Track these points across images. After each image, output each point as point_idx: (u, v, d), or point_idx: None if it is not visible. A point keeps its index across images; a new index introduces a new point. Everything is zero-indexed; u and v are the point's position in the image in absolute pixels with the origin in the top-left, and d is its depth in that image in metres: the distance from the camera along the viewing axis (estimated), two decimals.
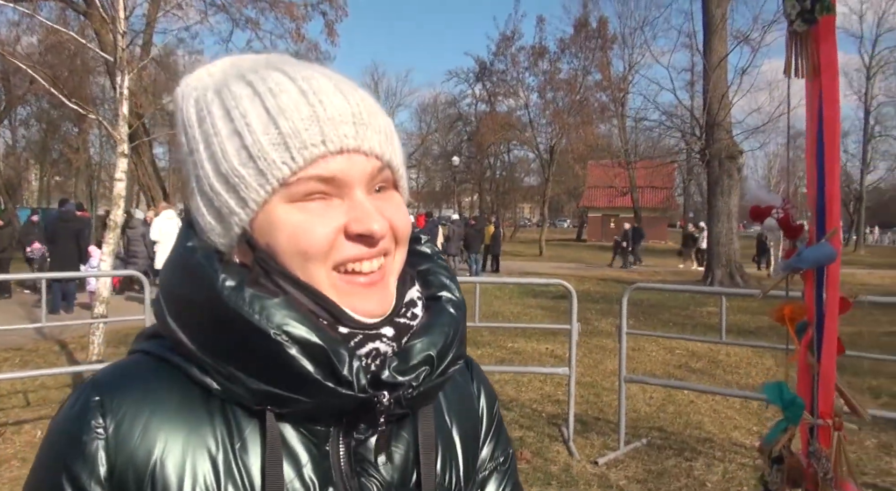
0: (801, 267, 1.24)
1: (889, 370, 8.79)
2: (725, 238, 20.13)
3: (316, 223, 0.76)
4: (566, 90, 44.24)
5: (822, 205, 1.25)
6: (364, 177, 0.78)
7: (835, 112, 1.24)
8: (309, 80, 0.78)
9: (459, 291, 0.90)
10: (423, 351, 0.80)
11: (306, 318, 0.75)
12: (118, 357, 3.69)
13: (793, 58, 1.28)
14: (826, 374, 1.24)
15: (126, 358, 0.86)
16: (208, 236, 0.81)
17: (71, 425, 0.77)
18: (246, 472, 0.76)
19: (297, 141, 0.75)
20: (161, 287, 0.83)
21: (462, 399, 0.98)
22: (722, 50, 20.97)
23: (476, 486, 0.97)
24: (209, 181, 0.78)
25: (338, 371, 0.74)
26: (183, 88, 0.86)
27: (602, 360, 9.38)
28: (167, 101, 23.23)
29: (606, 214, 56.27)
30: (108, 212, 15.83)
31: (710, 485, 5.08)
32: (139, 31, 16.86)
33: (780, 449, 1.31)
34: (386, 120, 0.83)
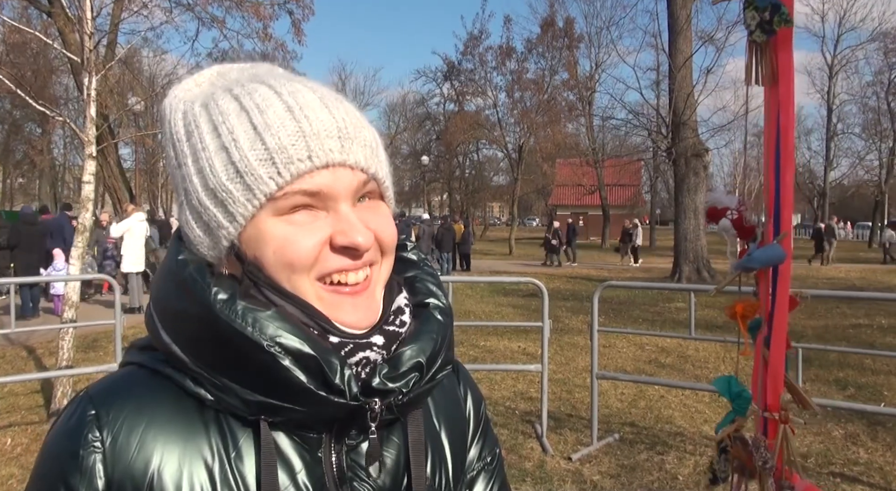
0: (753, 266, 1.31)
1: (855, 362, 9.01)
2: (692, 234, 20.39)
3: (301, 236, 0.78)
4: (534, 89, 44.43)
5: (777, 207, 1.32)
6: (349, 190, 0.80)
7: (790, 119, 1.30)
8: (294, 94, 0.80)
9: (446, 297, 0.92)
10: (412, 358, 0.81)
11: (298, 329, 0.76)
12: (88, 363, 3.70)
13: (752, 66, 1.35)
14: (775, 368, 1.31)
15: (119, 370, 0.87)
16: (198, 248, 0.83)
17: (67, 440, 0.78)
18: (242, 480, 0.78)
19: (284, 156, 0.76)
20: (153, 300, 0.85)
21: (449, 402, 1.00)
22: (687, 50, 21.24)
23: (465, 486, 0.99)
24: (198, 196, 0.80)
25: (330, 380, 0.76)
26: (171, 100, 0.87)
27: (573, 357, 9.48)
28: (133, 101, 22.98)
29: (575, 212, 56.57)
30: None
31: (682, 478, 5.19)
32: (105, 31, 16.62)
33: (724, 438, 1.38)
34: (371, 132, 0.84)
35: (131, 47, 11.29)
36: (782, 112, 1.32)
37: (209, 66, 0.93)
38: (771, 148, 1.36)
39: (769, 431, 1.34)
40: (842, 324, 12.38)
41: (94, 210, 7.19)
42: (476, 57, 47.41)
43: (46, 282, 13.07)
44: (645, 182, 54.60)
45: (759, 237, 1.37)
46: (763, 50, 1.34)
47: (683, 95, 20.92)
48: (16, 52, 22.77)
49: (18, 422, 6.54)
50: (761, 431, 1.34)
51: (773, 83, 1.34)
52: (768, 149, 1.37)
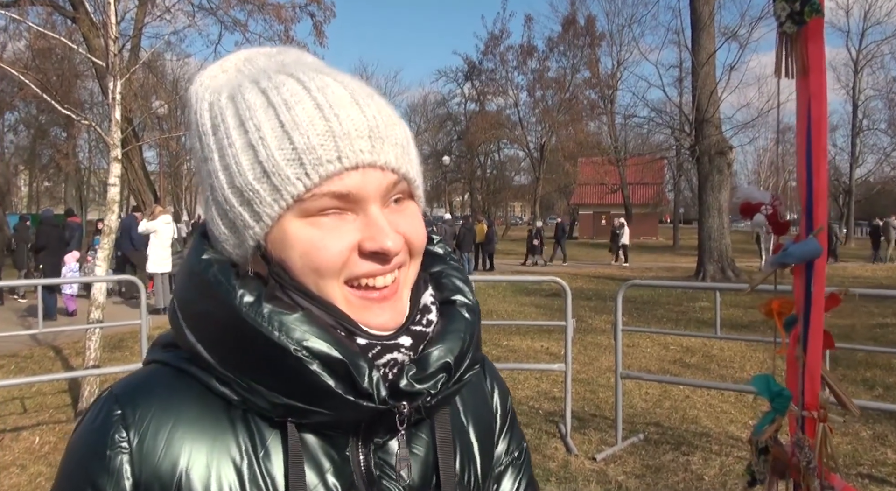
0: (788, 262, 1.28)
1: (882, 362, 8.87)
2: (717, 233, 20.21)
3: (329, 240, 0.75)
4: (555, 88, 44.42)
5: (810, 202, 1.29)
6: (379, 191, 0.77)
7: (822, 111, 1.28)
8: (324, 90, 0.77)
9: (473, 294, 0.90)
10: (440, 358, 0.79)
11: (325, 332, 0.75)
12: (114, 362, 3.72)
13: (783, 58, 1.32)
14: (812, 366, 1.28)
15: (143, 368, 0.86)
16: (223, 246, 0.81)
17: (94, 440, 0.77)
18: (271, 480, 0.77)
19: (312, 157, 0.74)
20: (177, 299, 0.83)
21: (477, 397, 0.98)
22: (710, 46, 21.06)
23: (493, 481, 0.97)
24: (223, 193, 0.78)
25: (358, 384, 0.74)
26: (196, 88, 0.84)
27: (597, 356, 9.42)
28: (157, 105, 23.20)
29: (597, 211, 56.33)
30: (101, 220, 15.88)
31: (708, 479, 5.13)
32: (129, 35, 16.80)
33: (766, 439, 1.35)
34: (403, 129, 0.81)
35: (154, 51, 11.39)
36: (814, 104, 1.29)
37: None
38: (802, 142, 1.33)
39: (806, 431, 1.31)
40: (869, 323, 12.19)
41: (120, 212, 7.26)
42: (497, 56, 47.48)
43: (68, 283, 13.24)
44: (668, 180, 54.21)
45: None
46: (793, 41, 1.31)
47: (707, 92, 20.74)
48: (41, 57, 23.06)
49: (46, 421, 6.62)
50: (795, 431, 1.31)
51: (804, 75, 1.31)
52: (800, 143, 1.34)
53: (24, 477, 5.24)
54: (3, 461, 5.59)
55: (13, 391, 7.41)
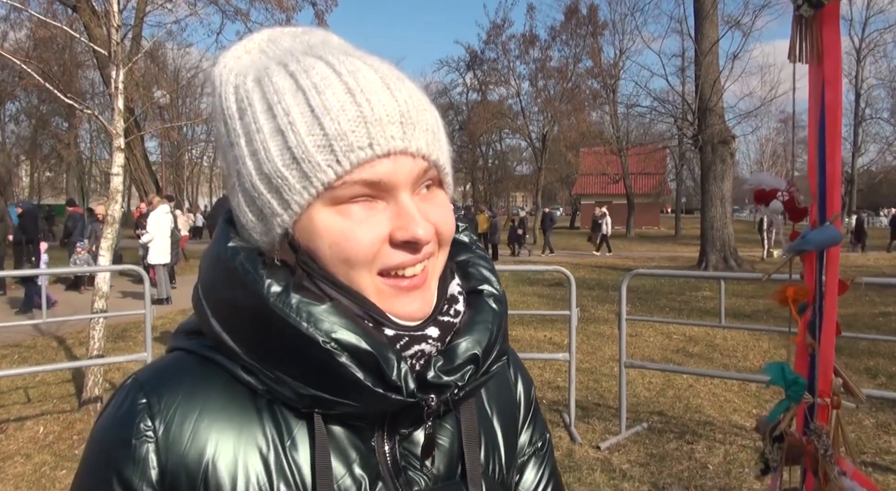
0: (806, 249, 1.26)
1: (885, 350, 8.87)
2: (719, 222, 20.18)
3: (359, 231, 0.74)
4: (557, 78, 44.20)
5: (823, 188, 1.28)
6: (410, 179, 0.76)
7: (837, 97, 1.26)
8: (355, 74, 0.75)
9: (500, 283, 0.89)
10: (468, 350, 0.79)
11: (354, 323, 0.74)
12: (118, 352, 3.72)
13: (797, 42, 1.30)
14: (825, 354, 1.27)
15: (167, 356, 0.85)
16: (250, 234, 0.79)
17: (119, 429, 0.76)
18: (298, 471, 0.76)
19: (344, 144, 0.72)
20: (203, 287, 0.82)
21: (501, 387, 0.97)
22: (713, 35, 20.98)
23: (516, 472, 0.97)
24: (251, 180, 0.76)
25: (387, 377, 0.73)
26: (220, 70, 0.82)
27: (600, 346, 9.43)
28: (158, 94, 23.16)
29: (599, 201, 56.24)
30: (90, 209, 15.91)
31: (712, 467, 5.14)
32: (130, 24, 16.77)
33: (784, 428, 1.34)
34: (434, 115, 0.80)
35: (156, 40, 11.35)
36: (829, 90, 1.28)
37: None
38: (815, 128, 1.31)
39: (819, 418, 1.31)
40: (871, 312, 12.19)
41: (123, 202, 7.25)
42: (499, 45, 47.24)
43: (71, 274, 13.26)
44: (670, 170, 54.11)
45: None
46: (809, 25, 1.30)
47: (710, 81, 20.67)
48: (42, 47, 23.02)
49: (50, 410, 6.64)
50: (810, 420, 1.31)
51: (819, 60, 1.30)
52: (812, 129, 1.32)
53: (28, 466, 5.25)
54: (8, 450, 5.61)
55: (17, 381, 7.44)
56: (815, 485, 1.26)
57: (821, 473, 1.26)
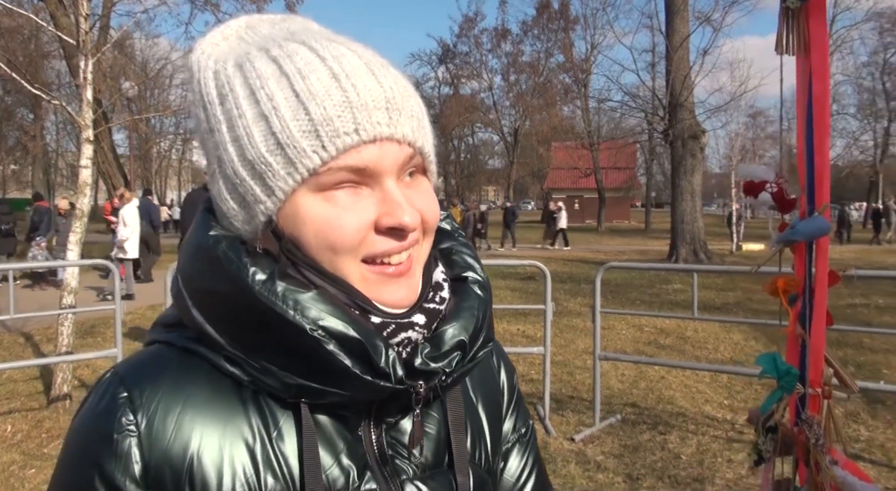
0: (796, 240, 1.27)
1: (853, 341, 9.05)
2: (689, 216, 20.41)
3: (345, 218, 0.73)
4: (529, 72, 44.48)
5: (811, 179, 1.29)
6: (396, 165, 0.75)
7: (825, 88, 1.27)
8: (339, 59, 0.74)
9: (483, 270, 0.88)
10: (454, 337, 0.78)
11: (341, 311, 0.73)
12: (86, 348, 3.64)
13: (784, 34, 1.31)
14: (816, 344, 1.28)
15: (147, 349, 0.82)
16: (231, 222, 0.78)
17: (99, 423, 0.74)
18: (284, 461, 0.75)
19: (329, 129, 0.71)
20: (183, 278, 0.80)
21: (485, 375, 0.97)
22: (684, 30, 21.18)
23: (500, 458, 0.97)
24: (233, 166, 0.75)
25: (375, 364, 0.72)
26: (198, 56, 0.80)
27: (573, 339, 9.48)
28: (127, 86, 22.82)
29: (571, 196, 56.65)
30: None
31: (685, 457, 5.19)
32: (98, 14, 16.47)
33: (777, 418, 1.35)
34: (418, 102, 0.79)
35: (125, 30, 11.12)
36: (816, 81, 1.29)
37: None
38: (803, 119, 1.32)
39: (810, 408, 1.32)
40: (839, 303, 12.41)
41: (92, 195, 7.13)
42: (471, 39, 47.40)
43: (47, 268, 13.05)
44: (640, 164, 54.57)
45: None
46: (796, 17, 1.30)
47: (680, 77, 20.87)
48: (8, 36, 22.56)
49: (18, 408, 6.51)
50: (804, 410, 1.32)
51: (805, 52, 1.30)
52: (800, 121, 1.33)
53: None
54: None
55: None
56: (807, 475, 1.27)
57: (812, 463, 1.27)
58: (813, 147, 1.28)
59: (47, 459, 5.24)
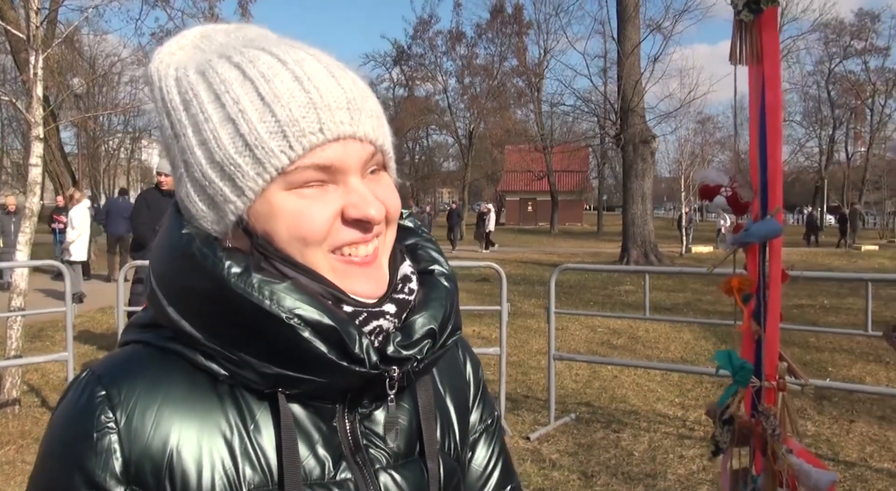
0: (750, 241, 1.35)
1: (799, 340, 9.35)
2: (640, 219, 20.76)
3: (314, 209, 0.76)
4: (483, 75, 44.68)
5: (764, 183, 1.36)
6: (359, 162, 0.78)
7: (777, 96, 1.34)
8: (300, 63, 0.77)
9: (448, 263, 0.92)
10: (425, 325, 0.81)
11: (315, 300, 0.75)
12: (35, 352, 3.59)
13: (738, 45, 1.38)
14: (770, 340, 1.36)
15: (123, 349, 0.84)
16: (200, 223, 0.80)
17: (79, 423, 0.75)
18: (262, 453, 0.78)
19: (296, 129, 0.74)
20: (157, 278, 0.82)
21: (452, 368, 1.01)
22: (635, 37, 21.56)
23: (468, 449, 1.01)
24: (201, 169, 0.77)
25: (350, 350, 0.75)
26: (157, 65, 0.82)
27: (527, 339, 9.58)
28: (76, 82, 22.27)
29: (524, 198, 57.13)
30: None
31: (638, 454, 5.30)
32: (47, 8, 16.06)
33: (732, 411, 1.42)
34: (376, 102, 0.83)
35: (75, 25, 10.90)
36: (769, 90, 1.36)
37: (156, 45, 0.89)
38: (756, 126, 1.39)
39: (766, 401, 1.39)
40: (786, 304, 12.44)
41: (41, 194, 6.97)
42: (426, 41, 47.41)
43: None
44: (592, 168, 55.27)
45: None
46: (749, 29, 1.37)
47: (631, 82, 21.24)
48: None
49: None
50: (751, 403, 1.39)
51: (758, 62, 1.37)
52: (753, 127, 1.40)
53: None
54: None
55: None
56: (763, 464, 1.35)
57: (769, 452, 1.34)
58: (766, 152, 1.36)
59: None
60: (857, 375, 7.60)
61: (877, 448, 5.51)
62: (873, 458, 5.30)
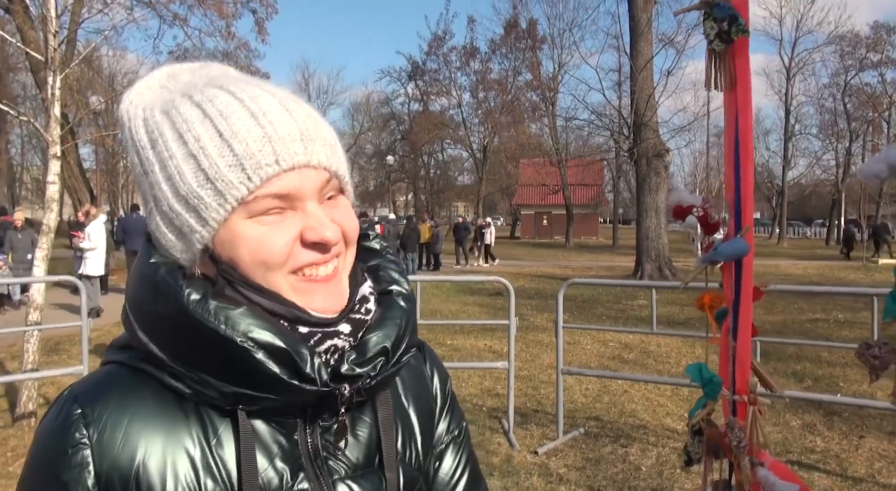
0: (718, 259, 1.41)
1: (811, 355, 9.30)
2: (654, 233, 20.70)
3: (274, 235, 0.82)
4: (497, 90, 44.84)
5: (738, 204, 1.42)
6: (315, 189, 0.85)
7: (748, 122, 1.40)
8: (256, 100, 0.83)
9: (408, 283, 0.98)
10: (378, 344, 0.87)
11: (268, 323, 0.81)
12: (52, 365, 3.73)
13: (712, 72, 1.44)
14: (742, 354, 1.41)
15: (100, 369, 0.91)
16: (169, 252, 0.86)
17: (56, 438, 0.82)
18: (223, 466, 0.83)
19: (252, 162, 0.80)
20: (129, 302, 0.89)
21: (417, 381, 1.06)
22: (648, 52, 21.58)
23: (435, 458, 1.06)
24: (168, 202, 0.83)
25: (301, 370, 0.81)
26: (127, 107, 0.89)
27: (538, 354, 9.61)
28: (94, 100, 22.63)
29: (539, 212, 57.09)
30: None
31: (645, 469, 5.32)
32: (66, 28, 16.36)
33: (698, 422, 1.49)
34: (329, 131, 0.89)
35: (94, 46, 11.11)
36: (741, 115, 1.42)
37: (174, 63, 0.96)
38: (731, 149, 1.45)
39: (738, 413, 1.44)
40: (799, 319, 12.71)
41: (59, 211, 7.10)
42: (440, 57, 47.70)
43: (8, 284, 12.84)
44: (607, 181, 55.18)
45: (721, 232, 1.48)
46: (722, 58, 1.43)
47: (644, 97, 21.24)
48: None
49: None
50: (729, 414, 1.44)
51: (731, 88, 1.43)
52: (728, 150, 1.46)
53: None
54: None
55: None
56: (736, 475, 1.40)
57: (735, 463, 1.39)
58: (739, 175, 1.42)
59: (13, 477, 5.21)
60: (869, 390, 7.57)
61: (885, 464, 5.49)
62: (881, 474, 5.29)
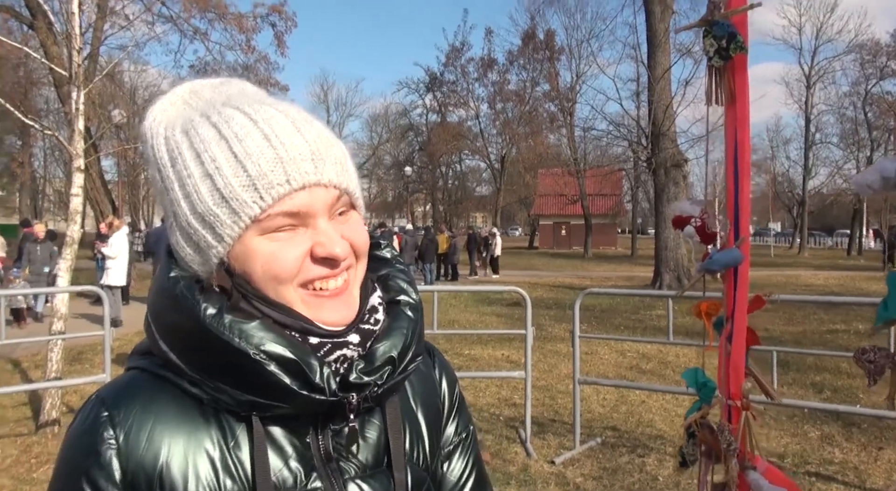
0: (714, 268, 1.46)
1: (831, 366, 9.23)
2: (673, 243, 20.62)
3: (285, 251, 0.87)
4: (515, 101, 44.98)
5: (737, 215, 1.47)
6: (325, 206, 0.89)
7: (745, 136, 1.45)
8: (269, 121, 0.88)
9: (417, 293, 1.02)
10: (385, 353, 0.92)
11: (280, 336, 0.86)
12: (75, 374, 3.84)
13: (713, 88, 1.49)
14: (736, 360, 1.46)
15: (124, 374, 0.97)
16: (189, 265, 0.92)
17: (86, 438, 0.88)
18: (241, 467, 0.88)
19: (265, 182, 0.85)
20: (151, 314, 0.94)
21: (425, 385, 1.11)
22: (665, 62, 21.54)
23: (442, 460, 1.12)
24: (187, 219, 0.89)
25: (311, 380, 0.86)
26: (150, 123, 0.94)
27: (556, 364, 9.62)
28: (116, 114, 22.96)
29: (557, 222, 57.02)
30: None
31: (662, 479, 5.32)
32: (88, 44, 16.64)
33: (692, 424, 1.54)
34: (340, 148, 0.93)
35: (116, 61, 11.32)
36: (739, 129, 1.47)
37: (196, 77, 1.02)
38: (730, 162, 1.50)
39: (733, 418, 1.49)
40: (819, 329, 12.62)
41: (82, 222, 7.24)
42: (458, 68, 47.96)
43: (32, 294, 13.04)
44: (626, 191, 55.03)
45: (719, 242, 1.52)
46: (721, 74, 1.49)
47: (662, 107, 21.21)
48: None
49: (7, 434, 6.57)
50: (725, 418, 1.49)
51: (730, 103, 1.49)
52: (729, 163, 1.51)
53: None
54: None
55: None
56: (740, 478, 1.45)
57: (724, 466, 1.44)
58: (738, 186, 1.46)
59: (37, 483, 5.31)
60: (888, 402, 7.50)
61: None
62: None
